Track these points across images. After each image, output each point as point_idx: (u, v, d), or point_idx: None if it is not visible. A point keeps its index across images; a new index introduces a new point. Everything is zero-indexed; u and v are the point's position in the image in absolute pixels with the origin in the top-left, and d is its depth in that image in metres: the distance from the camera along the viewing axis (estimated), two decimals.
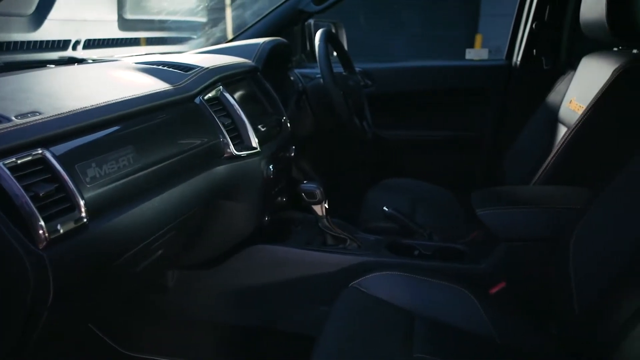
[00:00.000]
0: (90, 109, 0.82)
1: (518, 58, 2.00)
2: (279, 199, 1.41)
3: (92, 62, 1.27)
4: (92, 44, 1.43)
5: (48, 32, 1.27)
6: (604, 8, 1.20)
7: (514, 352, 0.94)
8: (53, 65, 1.17)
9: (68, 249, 0.69)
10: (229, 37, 1.94)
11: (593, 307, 0.85)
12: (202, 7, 2.13)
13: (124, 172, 0.82)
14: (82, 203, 0.71)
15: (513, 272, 1.19)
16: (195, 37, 2.08)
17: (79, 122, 0.78)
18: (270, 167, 1.25)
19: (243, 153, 1.15)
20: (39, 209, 0.66)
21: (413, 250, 1.34)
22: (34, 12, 1.25)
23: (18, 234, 0.64)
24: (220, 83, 1.19)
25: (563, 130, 1.49)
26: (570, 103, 1.50)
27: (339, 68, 1.76)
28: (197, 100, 1.10)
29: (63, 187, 0.70)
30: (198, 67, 1.17)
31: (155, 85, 1.04)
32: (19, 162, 0.66)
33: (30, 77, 0.97)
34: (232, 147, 1.11)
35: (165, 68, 1.15)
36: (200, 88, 1.11)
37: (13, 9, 1.22)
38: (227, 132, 1.12)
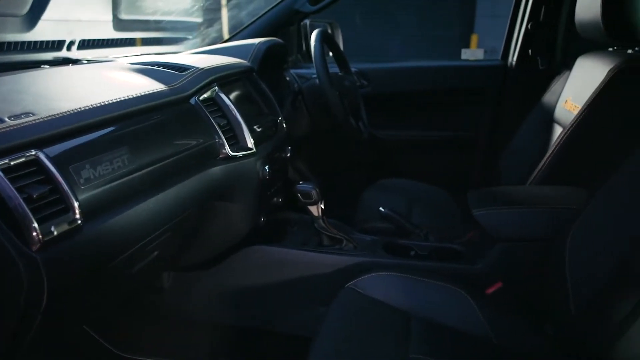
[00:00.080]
0: (85, 110, 0.81)
1: (514, 58, 2.00)
2: (275, 200, 1.41)
3: (86, 62, 1.27)
4: (86, 45, 1.42)
5: (42, 32, 1.26)
6: (599, 8, 1.20)
7: (510, 352, 0.94)
8: (47, 66, 1.16)
9: (62, 251, 0.69)
10: (225, 37, 1.93)
11: (589, 307, 0.85)
12: (197, 7, 2.13)
13: (119, 173, 0.81)
14: (76, 204, 0.70)
15: (509, 272, 1.19)
16: (191, 37, 2.07)
17: (73, 123, 0.78)
18: (266, 167, 1.25)
19: (239, 154, 1.15)
20: (33, 211, 0.65)
21: (409, 251, 1.34)
22: (28, 12, 1.24)
23: (11, 236, 0.64)
24: (216, 83, 1.18)
25: (559, 130, 1.49)
26: (566, 103, 1.51)
27: (335, 68, 1.76)
28: (192, 101, 1.10)
29: (57, 188, 0.69)
30: (193, 67, 1.17)
31: (150, 86, 1.03)
32: (12, 163, 0.66)
33: (24, 77, 0.97)
34: (227, 147, 1.11)
35: (161, 68, 1.14)
36: (196, 88, 1.11)
37: (7, 9, 1.21)
38: (222, 132, 1.11)
